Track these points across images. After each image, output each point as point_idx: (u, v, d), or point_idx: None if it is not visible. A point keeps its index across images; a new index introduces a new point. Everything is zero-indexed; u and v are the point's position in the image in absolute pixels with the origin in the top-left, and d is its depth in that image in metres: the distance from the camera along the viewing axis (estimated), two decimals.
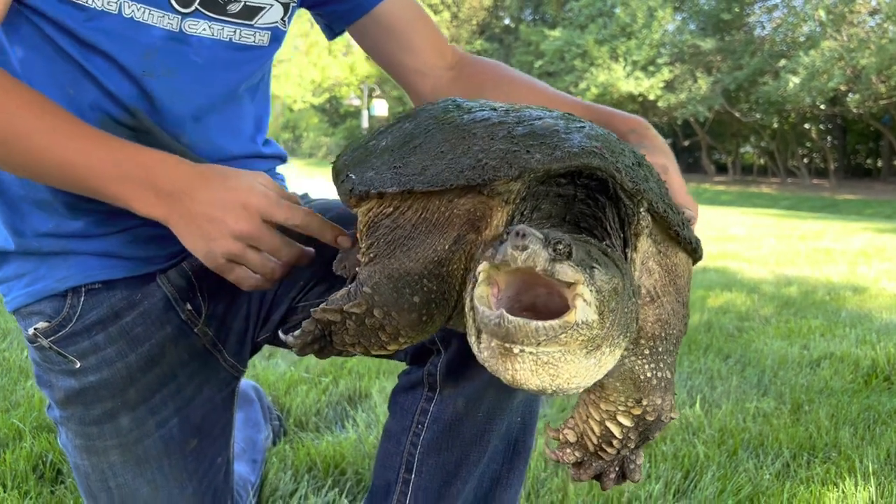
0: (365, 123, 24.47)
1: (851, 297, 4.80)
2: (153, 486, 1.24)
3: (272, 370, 2.55)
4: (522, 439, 1.18)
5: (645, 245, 0.86)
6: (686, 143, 35.40)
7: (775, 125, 29.66)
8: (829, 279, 5.61)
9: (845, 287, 5.19)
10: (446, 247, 0.85)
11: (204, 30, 1.18)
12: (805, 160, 32.81)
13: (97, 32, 1.11)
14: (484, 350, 0.69)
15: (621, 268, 0.74)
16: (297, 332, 0.87)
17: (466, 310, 0.73)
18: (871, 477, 1.87)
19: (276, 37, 1.28)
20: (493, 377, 1.08)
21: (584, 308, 0.65)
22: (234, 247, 1.01)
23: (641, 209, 0.83)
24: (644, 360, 0.85)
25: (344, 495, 1.67)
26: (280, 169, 1.46)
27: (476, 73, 1.41)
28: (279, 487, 1.69)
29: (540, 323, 0.64)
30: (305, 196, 1.41)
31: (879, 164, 32.88)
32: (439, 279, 0.84)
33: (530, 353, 0.66)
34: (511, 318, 0.64)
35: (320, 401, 2.27)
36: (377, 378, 2.48)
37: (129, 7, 1.11)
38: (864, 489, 1.81)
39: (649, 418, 0.87)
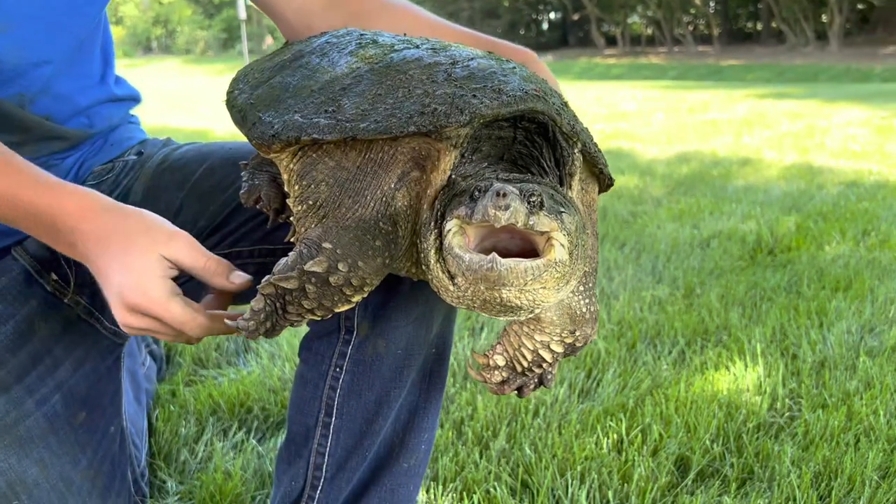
0: (242, 14, 22.95)
1: (737, 170, 5.00)
2: (42, 466, 1.17)
3: None
4: (437, 370, 1.19)
5: (576, 184, 0.90)
6: (576, 16, 35.26)
7: None
8: (715, 152, 5.81)
9: (731, 160, 5.40)
10: (392, 185, 0.85)
11: None
12: (690, 28, 33.31)
13: None
14: (466, 290, 0.74)
15: (574, 206, 0.79)
16: (245, 316, 0.83)
17: (431, 259, 0.78)
18: (759, 357, 1.98)
19: None
20: (410, 314, 1.09)
21: (560, 250, 0.72)
22: (132, 332, 0.94)
23: (576, 150, 0.86)
24: (580, 297, 0.91)
25: (252, 435, 1.65)
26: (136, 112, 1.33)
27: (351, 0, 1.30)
28: (181, 434, 1.64)
29: (529, 263, 0.70)
30: (169, 141, 1.30)
31: (759, 27, 33.80)
32: (390, 219, 0.84)
33: (515, 291, 0.72)
34: (503, 261, 0.69)
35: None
36: None
37: None
38: (753, 370, 1.92)
39: (579, 344, 0.95)
